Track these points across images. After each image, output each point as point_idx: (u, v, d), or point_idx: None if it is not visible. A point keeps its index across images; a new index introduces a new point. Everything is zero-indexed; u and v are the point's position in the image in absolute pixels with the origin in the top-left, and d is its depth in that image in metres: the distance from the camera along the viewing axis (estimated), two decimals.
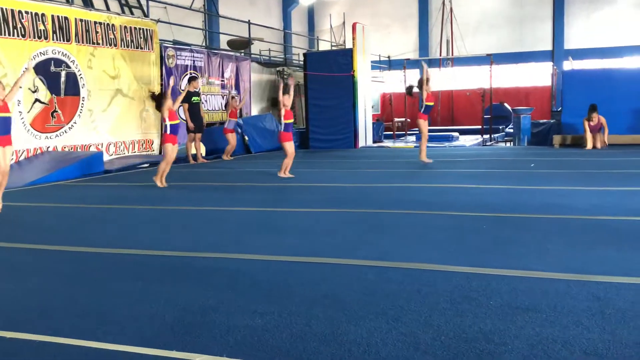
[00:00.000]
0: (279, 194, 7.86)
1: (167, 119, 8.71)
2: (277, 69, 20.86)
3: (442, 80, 25.04)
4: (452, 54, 24.62)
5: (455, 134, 18.43)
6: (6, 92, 6.80)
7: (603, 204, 6.30)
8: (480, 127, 18.55)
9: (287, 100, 9.24)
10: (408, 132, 21.04)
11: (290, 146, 9.49)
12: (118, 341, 2.88)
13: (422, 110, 11.30)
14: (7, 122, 6.84)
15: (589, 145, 13.17)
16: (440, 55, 24.86)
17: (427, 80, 11.08)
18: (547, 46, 23.96)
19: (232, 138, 13.43)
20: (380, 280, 3.79)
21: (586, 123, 13.24)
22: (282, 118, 9.35)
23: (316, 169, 11.07)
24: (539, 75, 24.19)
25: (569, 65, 19.83)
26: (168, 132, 8.77)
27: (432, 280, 3.76)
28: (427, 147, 15.78)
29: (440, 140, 17.43)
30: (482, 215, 5.85)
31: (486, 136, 17.94)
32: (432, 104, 11.41)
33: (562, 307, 3.18)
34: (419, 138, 12.38)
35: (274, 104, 9.53)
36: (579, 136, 13.83)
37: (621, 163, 10.26)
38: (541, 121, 16.18)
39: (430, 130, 20.85)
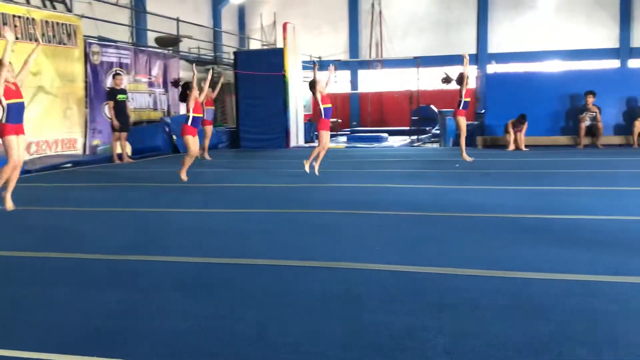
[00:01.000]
0: (207, 195, 7.76)
1: (191, 110, 8.34)
2: (207, 67, 20.60)
3: (372, 82, 25.44)
4: (382, 56, 25.01)
5: (385, 134, 18.74)
6: (16, 73, 6.26)
7: (523, 203, 6.55)
8: (408, 128, 18.92)
9: (321, 87, 8.99)
10: (339, 132, 21.22)
11: (326, 136, 9.09)
12: (41, 349, 2.77)
13: (461, 106, 10.85)
14: (22, 108, 6.31)
15: (511, 147, 13.68)
16: (370, 57, 25.20)
17: (467, 75, 10.70)
18: (472, 50, 24.68)
19: (208, 130, 13.10)
20: (308, 280, 3.81)
21: (510, 125, 13.75)
22: (320, 103, 9.09)
23: (246, 168, 11.00)
24: None
25: (492, 68, 20.53)
26: (189, 123, 8.38)
27: (359, 279, 3.81)
28: (358, 147, 16.03)
29: (369, 140, 17.69)
30: (409, 214, 5.97)
31: (414, 137, 18.32)
32: (468, 99, 11.00)
33: (484, 303, 3.28)
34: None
35: (311, 86, 9.20)
36: (501, 137, 14.33)
37: (540, 163, 10.71)
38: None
39: (359, 131, 21.25)
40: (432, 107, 21.82)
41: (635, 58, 23.12)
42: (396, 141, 17.95)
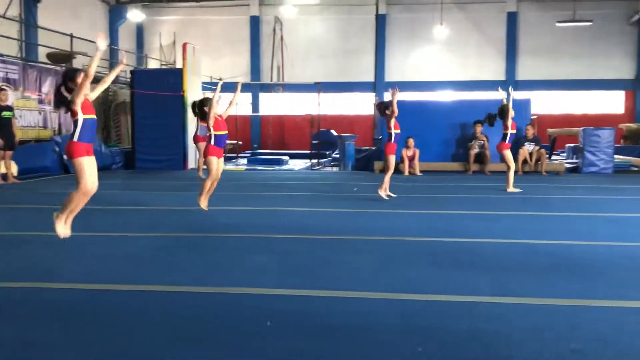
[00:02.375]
0: (91, 219, 7.44)
1: (212, 129, 7.63)
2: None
3: (273, 105, 25.58)
4: (283, 80, 25.22)
5: (286, 157, 18.84)
6: (93, 89, 5.68)
7: (418, 226, 6.76)
8: (308, 151, 19.14)
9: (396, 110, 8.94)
10: (239, 155, 21.09)
11: (393, 160, 9.15)
12: None
13: (507, 139, 10.26)
14: (95, 126, 5.62)
15: (406, 172, 14.20)
16: (272, 81, 25.36)
17: (509, 108, 10.17)
18: (370, 78, 25.43)
19: (202, 146, 12.34)
20: (194, 306, 3.72)
21: (404, 152, 14.28)
22: (393, 128, 9.01)
23: (140, 190, 10.66)
24: (363, 105, 25.59)
25: (388, 96, 21.21)
26: (212, 142, 7.66)
27: (250, 303, 3.77)
28: (259, 170, 15.99)
29: (270, 163, 17.71)
30: (302, 237, 5.99)
31: (314, 161, 18.53)
32: (514, 131, 10.39)
33: (375, 326, 3.33)
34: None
35: (385, 109, 9.06)
36: (397, 163, 14.80)
37: (433, 188, 11.14)
38: (364, 148, 17.11)
39: (260, 154, 21.24)
40: (332, 131, 22.21)
41: (520, 90, 24.70)
42: (297, 164, 18.07)
